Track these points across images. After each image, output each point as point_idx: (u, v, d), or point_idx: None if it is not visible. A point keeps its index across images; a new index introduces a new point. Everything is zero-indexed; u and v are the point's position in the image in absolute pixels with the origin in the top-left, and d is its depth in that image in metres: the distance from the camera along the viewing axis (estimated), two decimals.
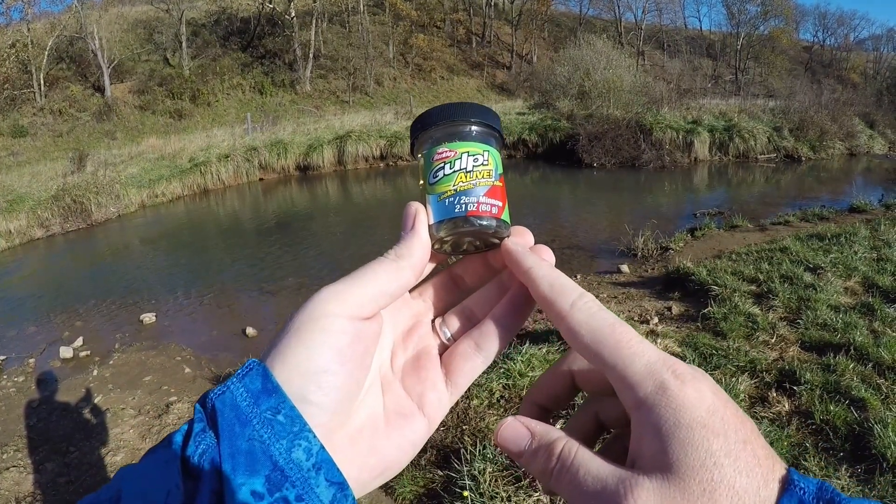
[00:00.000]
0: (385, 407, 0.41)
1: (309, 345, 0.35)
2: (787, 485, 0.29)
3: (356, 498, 0.35)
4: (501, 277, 0.45)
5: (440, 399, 0.42)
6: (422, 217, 0.42)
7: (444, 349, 0.44)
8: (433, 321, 0.46)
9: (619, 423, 0.40)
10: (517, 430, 0.38)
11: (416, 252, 0.41)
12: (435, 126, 0.44)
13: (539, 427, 0.38)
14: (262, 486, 0.31)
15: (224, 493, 0.31)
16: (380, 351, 0.42)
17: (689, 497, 0.29)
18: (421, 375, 0.42)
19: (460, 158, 0.43)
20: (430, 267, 0.45)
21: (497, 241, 0.43)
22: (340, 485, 0.33)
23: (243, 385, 0.34)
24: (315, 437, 0.33)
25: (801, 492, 0.29)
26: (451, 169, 0.43)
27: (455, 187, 0.43)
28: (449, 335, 0.44)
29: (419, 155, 0.45)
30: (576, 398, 0.44)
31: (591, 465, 0.33)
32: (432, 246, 0.43)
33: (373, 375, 0.40)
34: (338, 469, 0.33)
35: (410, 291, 0.46)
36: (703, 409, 0.31)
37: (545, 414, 0.44)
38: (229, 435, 0.32)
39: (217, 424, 0.33)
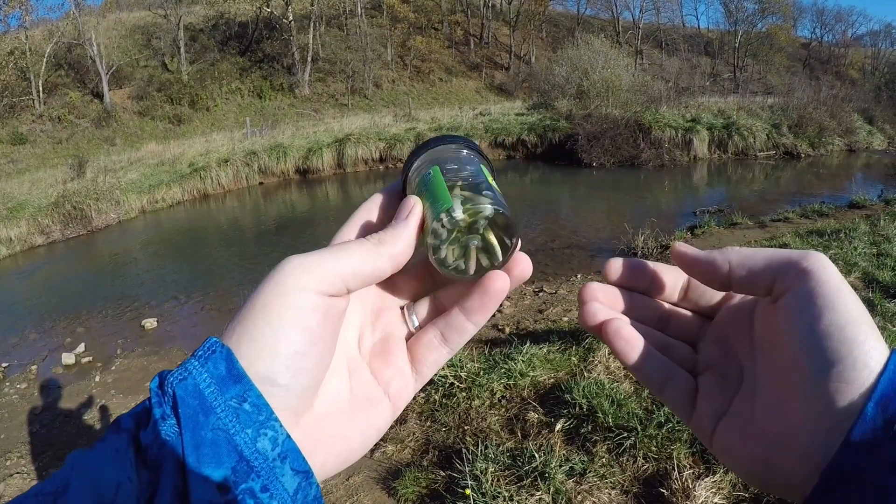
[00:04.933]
0: (352, 390, 0.39)
1: (277, 323, 0.33)
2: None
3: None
4: None
5: (406, 386, 0.41)
6: (418, 211, 0.39)
7: (410, 335, 0.43)
8: (402, 307, 0.44)
9: (714, 310, 0.44)
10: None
11: (399, 242, 0.38)
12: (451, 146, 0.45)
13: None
14: (229, 479, 0.30)
15: (188, 486, 0.29)
16: (345, 331, 0.40)
17: None
18: (389, 360, 0.41)
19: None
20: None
21: (509, 239, 0.39)
22: (306, 473, 0.33)
23: (206, 370, 0.32)
24: (281, 425, 0.32)
25: None
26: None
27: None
28: (417, 324, 0.43)
29: (430, 171, 0.41)
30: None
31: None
32: (439, 237, 0.38)
33: (338, 357, 0.39)
34: (303, 457, 0.33)
35: None
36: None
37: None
38: (192, 425, 0.30)
39: (178, 413, 0.31)
